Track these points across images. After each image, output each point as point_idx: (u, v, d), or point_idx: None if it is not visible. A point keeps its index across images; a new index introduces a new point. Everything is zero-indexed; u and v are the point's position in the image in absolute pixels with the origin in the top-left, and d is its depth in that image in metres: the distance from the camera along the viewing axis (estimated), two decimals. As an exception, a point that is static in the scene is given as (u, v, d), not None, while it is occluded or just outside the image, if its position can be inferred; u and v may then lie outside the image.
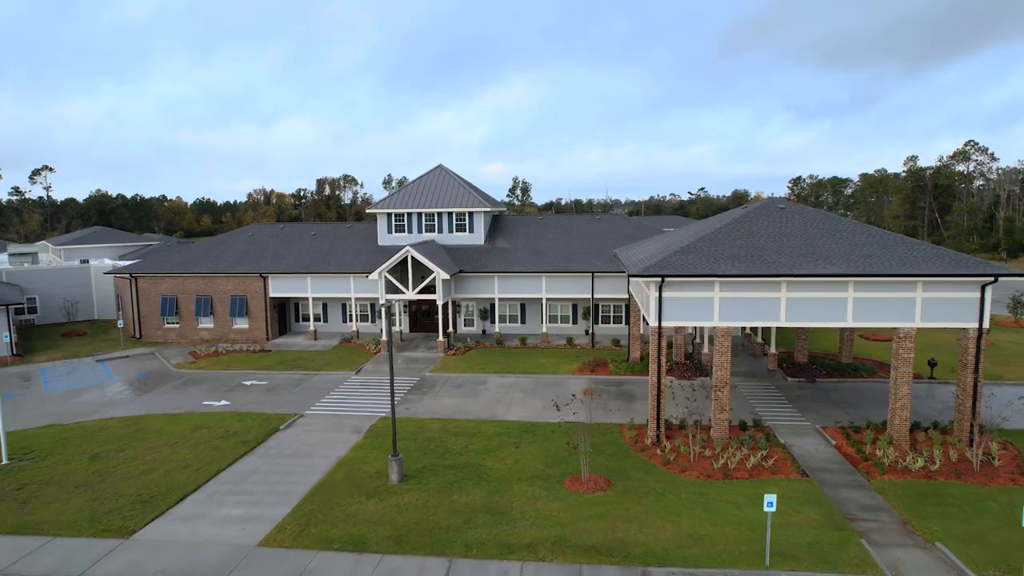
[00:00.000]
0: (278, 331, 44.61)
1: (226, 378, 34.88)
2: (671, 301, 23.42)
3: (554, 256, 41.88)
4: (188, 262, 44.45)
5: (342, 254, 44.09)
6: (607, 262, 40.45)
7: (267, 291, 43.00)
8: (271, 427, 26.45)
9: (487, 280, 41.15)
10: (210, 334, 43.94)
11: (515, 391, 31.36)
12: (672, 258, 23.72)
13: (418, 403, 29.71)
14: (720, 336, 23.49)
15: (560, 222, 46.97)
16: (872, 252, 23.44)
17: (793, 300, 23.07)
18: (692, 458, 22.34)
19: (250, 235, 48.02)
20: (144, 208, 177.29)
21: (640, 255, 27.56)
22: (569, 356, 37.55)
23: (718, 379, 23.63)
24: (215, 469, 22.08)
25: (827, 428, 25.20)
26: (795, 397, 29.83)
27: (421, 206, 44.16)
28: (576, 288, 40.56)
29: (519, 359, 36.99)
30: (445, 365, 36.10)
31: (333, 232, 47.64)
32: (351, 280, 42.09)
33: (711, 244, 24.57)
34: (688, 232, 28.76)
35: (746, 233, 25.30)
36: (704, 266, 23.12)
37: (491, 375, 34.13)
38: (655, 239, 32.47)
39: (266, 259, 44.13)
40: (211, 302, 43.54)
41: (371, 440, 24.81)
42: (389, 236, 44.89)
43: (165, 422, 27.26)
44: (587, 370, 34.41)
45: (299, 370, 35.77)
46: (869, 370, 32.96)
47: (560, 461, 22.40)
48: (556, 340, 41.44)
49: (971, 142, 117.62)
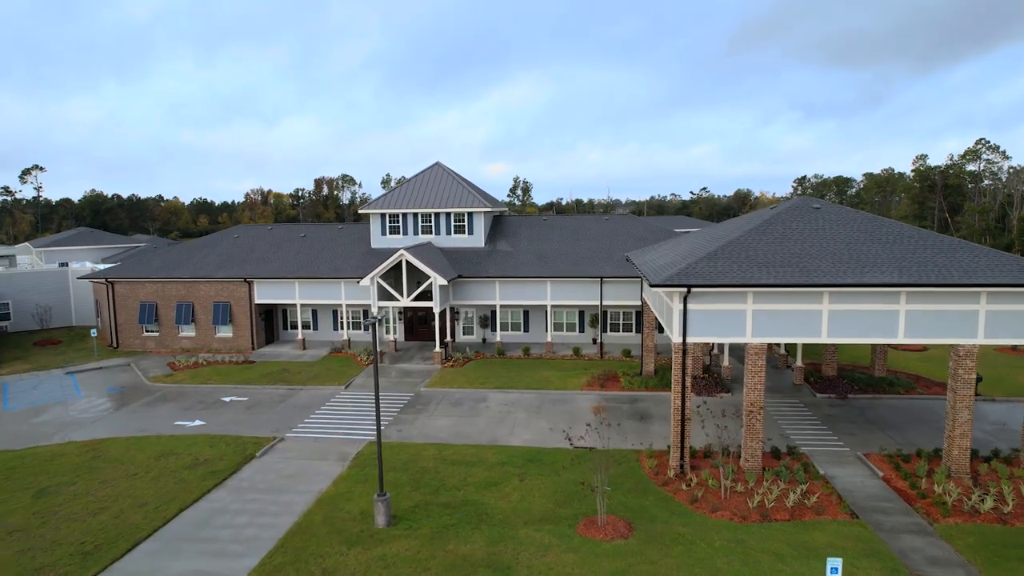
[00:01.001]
0: (264, 340, 41.79)
1: (204, 393, 32.04)
2: (697, 314, 20.60)
3: (559, 260, 39.05)
4: (168, 266, 41.63)
5: (332, 257, 41.26)
6: (617, 266, 37.63)
7: (252, 297, 40.18)
8: (246, 454, 23.62)
9: (488, 286, 38.34)
10: (192, 343, 41.12)
11: (518, 410, 28.54)
12: (698, 265, 20.90)
13: (411, 424, 26.89)
14: (752, 354, 20.66)
15: (565, 223, 44.14)
16: (926, 258, 20.61)
17: (836, 313, 20.24)
18: (723, 494, 19.51)
19: (235, 237, 45.19)
20: (140, 208, 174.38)
21: (659, 261, 24.73)
22: (576, 368, 34.72)
23: (750, 403, 20.80)
24: (176, 508, 19.24)
25: (870, 456, 22.37)
26: (827, 417, 27.01)
27: (417, 206, 41.33)
28: (583, 294, 37.74)
29: (522, 372, 34.17)
30: (442, 379, 33.26)
31: (324, 234, 44.81)
32: (342, 285, 39.27)
33: (741, 249, 21.75)
34: (711, 235, 25.92)
35: (779, 236, 22.48)
36: (735, 274, 20.30)
37: (492, 391, 31.30)
38: (672, 242, 29.65)
39: (251, 263, 41.30)
40: (192, 309, 40.71)
41: (357, 471, 21.97)
42: (383, 238, 42.07)
43: (128, 447, 24.43)
44: (596, 385, 31.58)
45: (283, 384, 32.93)
46: (906, 385, 30.12)
47: (572, 498, 19.58)
48: (562, 350, 38.62)
49: (983, 140, 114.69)
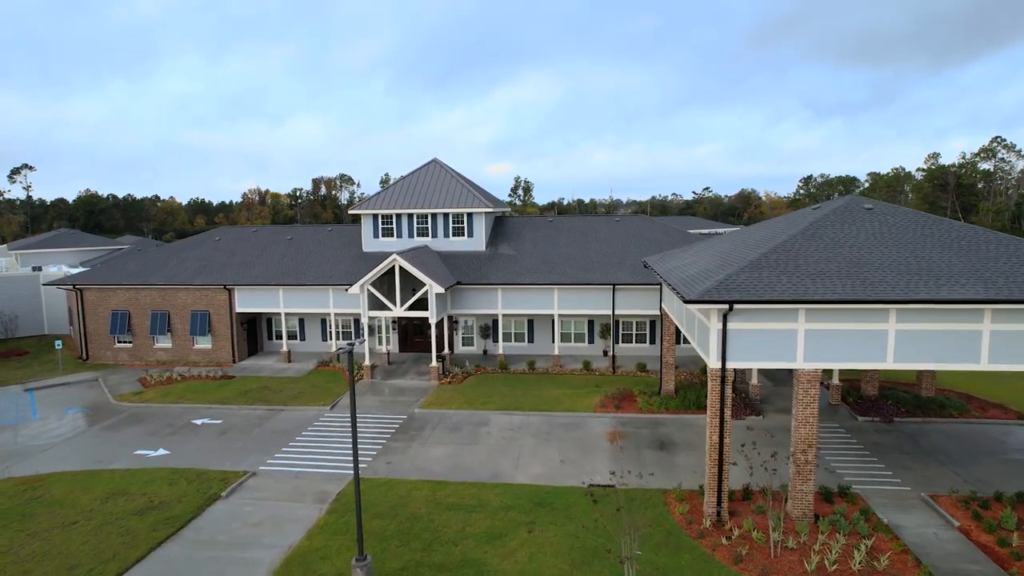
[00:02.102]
0: (246, 351, 38.55)
1: (174, 415, 28.80)
2: (740, 335, 17.35)
3: (567, 265, 35.81)
4: (143, 271, 38.39)
5: (320, 262, 38.03)
6: (631, 272, 34.39)
7: (233, 305, 36.94)
8: (210, 493, 20.37)
9: (489, 293, 35.10)
10: (168, 355, 37.88)
11: (525, 436, 25.30)
12: (739, 277, 17.65)
13: (403, 454, 23.64)
14: (804, 382, 17.41)
15: (573, 224, 40.88)
16: (1011, 268, 17.36)
17: (906, 335, 16.98)
18: (772, 551, 16.28)
19: (216, 240, 41.96)
20: (135, 209, 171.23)
21: (688, 270, 21.46)
22: (587, 385, 31.47)
23: (801, 439, 17.55)
24: (113, 572, 16.00)
25: (939, 499, 19.12)
26: (874, 445, 23.77)
27: (412, 206, 38.10)
28: (594, 302, 34.49)
29: (527, 390, 30.92)
30: (439, 398, 30.02)
31: (312, 236, 41.57)
32: (330, 293, 36.03)
33: (787, 257, 18.50)
34: (746, 240, 22.65)
35: (831, 242, 19.23)
36: (784, 288, 17.05)
37: (494, 413, 28.05)
38: (698, 248, 26.39)
39: (233, 268, 38.07)
40: (168, 318, 37.48)
41: (337, 518, 18.73)
42: (375, 241, 38.84)
43: (74, 486, 21.19)
44: (611, 406, 28.34)
45: (263, 404, 29.70)
46: (959, 407, 26.88)
47: (591, 557, 16.34)
48: (570, 363, 35.37)
49: (998, 138, 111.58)
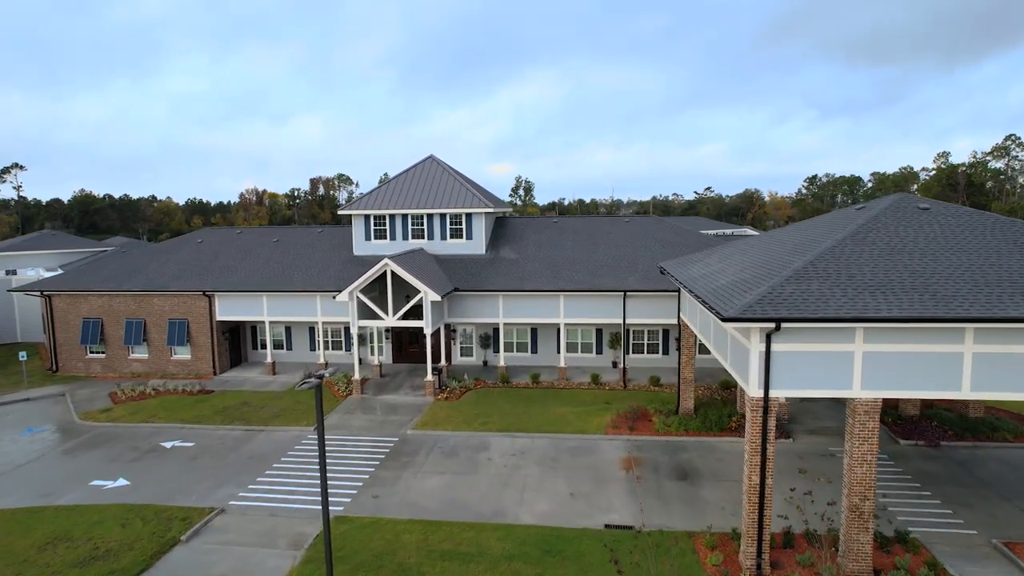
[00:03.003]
0: (228, 362, 35.87)
1: (142, 436, 26.14)
2: (786, 359, 14.68)
3: (574, 269, 33.12)
4: (118, 276, 35.71)
5: (308, 266, 35.35)
6: (643, 277, 31.71)
7: (213, 313, 34.27)
8: (168, 537, 17.70)
9: (489, 300, 32.41)
10: (143, 367, 35.21)
11: (529, 463, 22.62)
12: (785, 288, 14.97)
13: (392, 487, 20.96)
14: (861, 413, 14.72)
15: (579, 225, 38.18)
16: (1107, 279, 14.69)
17: (984, 358, 14.29)
18: (827, 619, 13.61)
19: (199, 242, 39.29)
20: (131, 209, 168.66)
21: (718, 279, 18.77)
22: (596, 402, 28.79)
23: (857, 481, 14.86)
24: (37, 647, 13.34)
25: (1014, 546, 16.43)
26: (924, 475, 21.09)
27: (407, 206, 35.42)
28: (603, 310, 31.79)
29: (531, 407, 28.24)
30: (434, 417, 27.33)
31: (300, 238, 38.90)
32: (317, 300, 33.34)
33: (839, 265, 15.83)
34: (782, 244, 19.94)
35: (886, 247, 16.55)
36: (840, 302, 14.37)
37: (495, 435, 25.36)
38: (723, 252, 23.68)
39: (214, 273, 35.39)
40: (144, 327, 34.80)
41: (313, 569, 16.04)
42: (367, 244, 36.15)
43: (11, 528, 18.50)
44: (624, 426, 25.66)
45: (241, 424, 27.02)
46: (1012, 429, 24.17)
47: (612, 626, 13.68)
48: (577, 376, 32.69)
49: (1012, 136, 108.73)
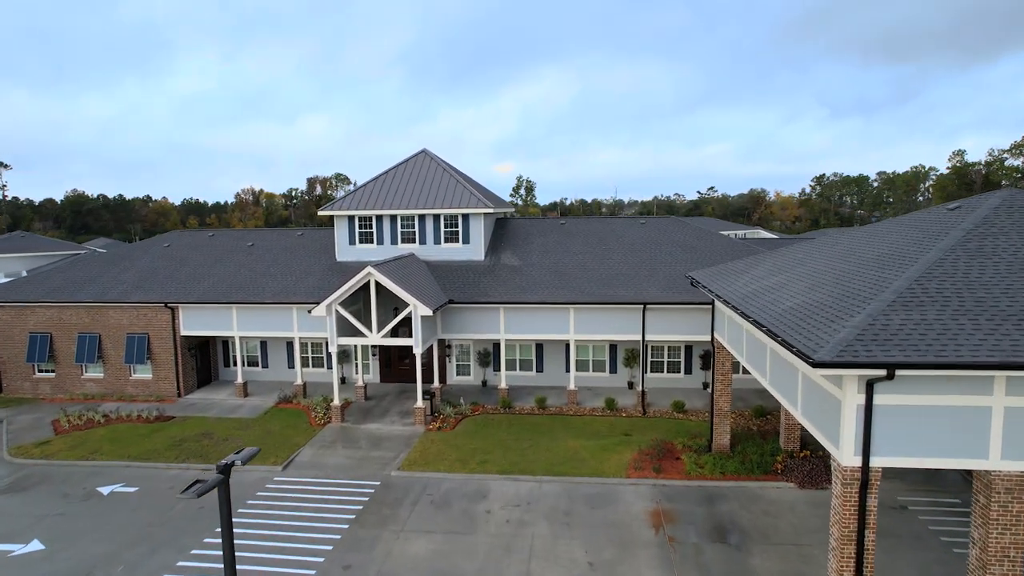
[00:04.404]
0: (197, 381, 31.87)
1: (79, 478, 22.14)
2: (893, 416, 10.70)
3: (585, 278, 29.13)
4: (69, 286, 31.71)
5: (285, 274, 31.35)
6: (664, 287, 27.75)
7: (177, 327, 30.28)
8: (73, 634, 13.72)
9: (489, 313, 28.41)
10: (99, 387, 31.21)
11: (537, 517, 18.62)
12: (893, 318, 10.97)
13: (368, 553, 16.96)
14: (1003, 491, 10.72)
15: (590, 228, 34.14)
16: None
17: None
18: None
19: (166, 246, 35.28)
20: (125, 209, 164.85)
21: (781, 301, 14.71)
22: (613, 433, 24.79)
23: None
24: None
25: None
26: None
27: (396, 206, 31.42)
28: (619, 325, 27.78)
29: (537, 439, 24.25)
30: (424, 453, 23.32)
31: (277, 242, 34.89)
32: (293, 313, 29.35)
33: (957, 284, 11.83)
34: (854, 252, 15.88)
35: (1015, 260, 12.54)
36: (976, 339, 10.39)
37: (496, 479, 21.34)
38: (771, 261, 19.62)
39: (179, 282, 31.39)
40: (99, 343, 30.80)
41: None
42: (351, 249, 32.15)
43: None
44: (648, 466, 21.65)
45: (197, 462, 23.02)
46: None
47: None
48: (589, 399, 28.71)
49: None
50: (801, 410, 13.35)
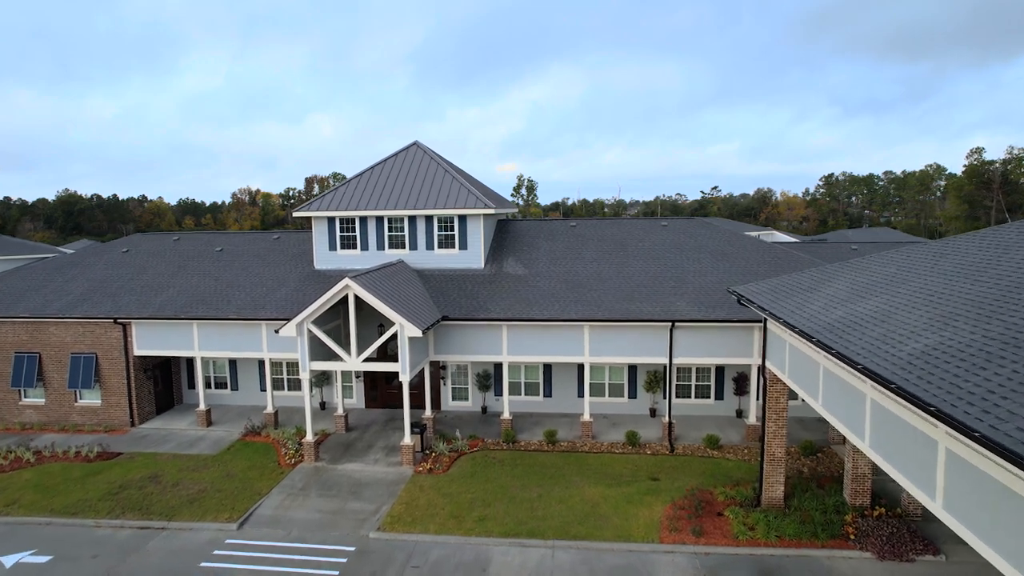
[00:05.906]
0: (155, 406, 27.77)
1: (-13, 539, 18.05)
2: None
3: (601, 290, 25.01)
4: (5, 297, 27.59)
5: (255, 284, 27.26)
6: (695, 300, 23.66)
7: (129, 346, 26.19)
8: None
9: (489, 332, 24.28)
10: (40, 415, 27.12)
11: (551, 606, 14.53)
12: None
13: (330, 665, 12.86)
14: None
15: (604, 231, 29.93)
16: None
17: None
18: None
19: (124, 251, 31.16)
20: (118, 209, 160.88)
21: (900, 339, 10.58)
22: (638, 476, 20.67)
23: None
24: None
25: None
26: None
27: (383, 206, 27.30)
28: (642, 345, 23.65)
29: (547, 487, 20.13)
30: (411, 505, 19.20)
31: (250, 247, 30.76)
32: (263, 330, 25.26)
33: None
34: (967, 268, 11.77)
35: None
36: None
37: (497, 543, 17.22)
38: (846, 275, 15.46)
39: (133, 293, 27.30)
40: (39, 364, 26.72)
41: None
42: (331, 255, 28.03)
43: None
44: (686, 527, 17.53)
45: (135, 517, 18.91)
46: None
47: None
48: (606, 431, 24.62)
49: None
50: (911, 478, 9.21)
